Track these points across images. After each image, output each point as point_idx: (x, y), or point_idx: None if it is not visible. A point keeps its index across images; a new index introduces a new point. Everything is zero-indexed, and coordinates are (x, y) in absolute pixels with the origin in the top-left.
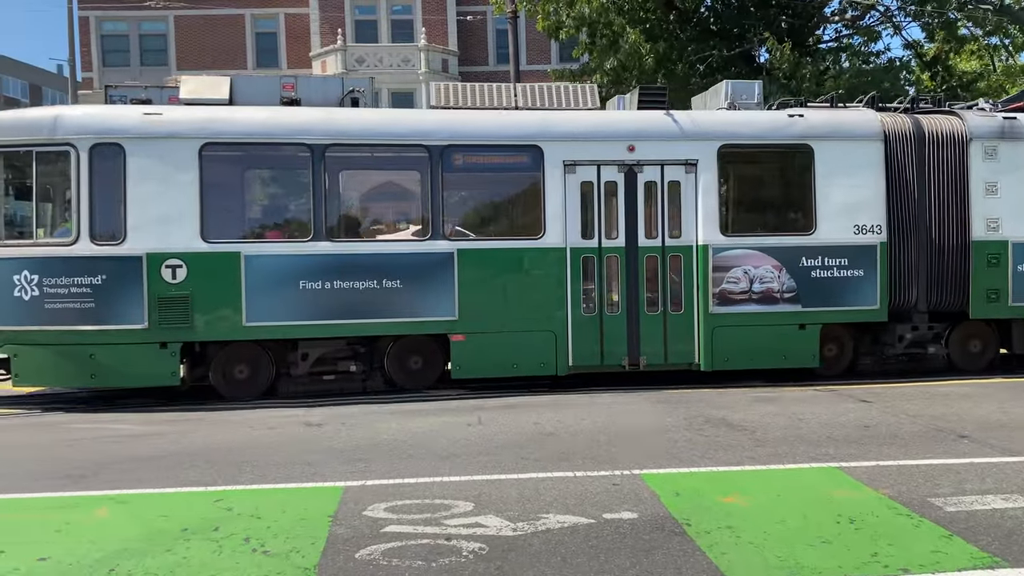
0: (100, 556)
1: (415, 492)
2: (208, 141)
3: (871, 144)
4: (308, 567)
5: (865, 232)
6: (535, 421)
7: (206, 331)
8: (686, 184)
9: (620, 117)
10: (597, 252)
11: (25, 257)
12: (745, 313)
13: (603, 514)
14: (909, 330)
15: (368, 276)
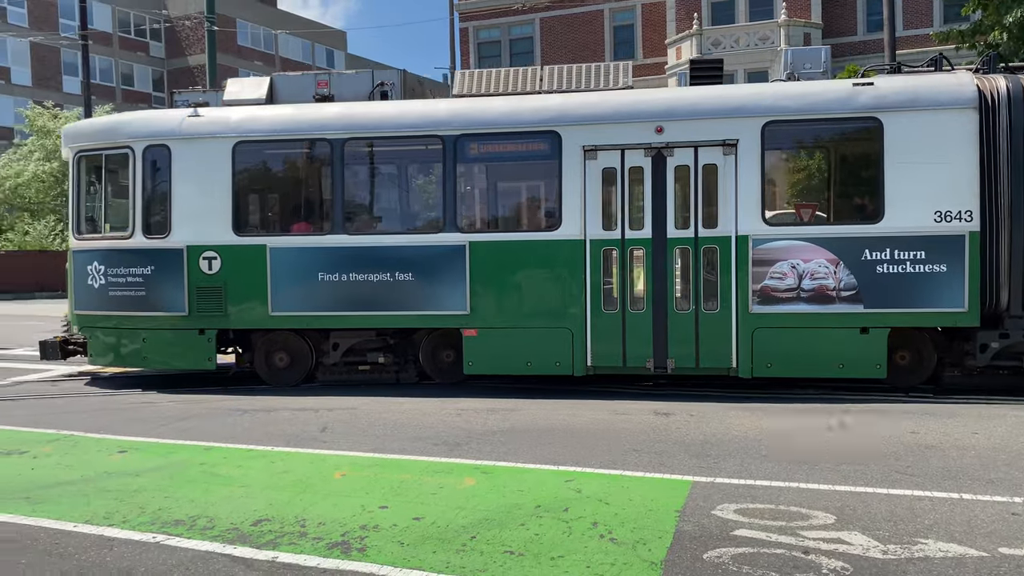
0: (465, 523)
1: (768, 496)
2: (240, 140)
3: (961, 114)
4: (655, 561)
5: (950, 219)
6: (912, 430)
7: (237, 319)
8: (724, 167)
9: (646, 96)
10: (620, 244)
11: (95, 249)
12: (792, 314)
13: (999, 548)
14: (996, 338)
15: (382, 269)
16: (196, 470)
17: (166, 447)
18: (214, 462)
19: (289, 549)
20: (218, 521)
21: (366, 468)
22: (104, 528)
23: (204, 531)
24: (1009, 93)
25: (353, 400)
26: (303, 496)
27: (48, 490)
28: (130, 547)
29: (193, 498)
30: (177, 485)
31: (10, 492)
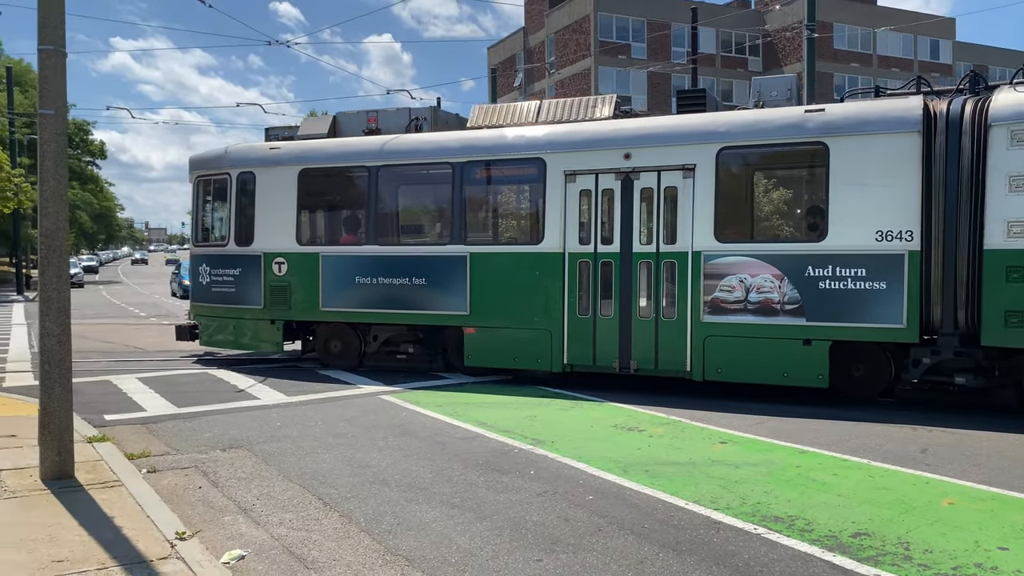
0: None
1: None
2: (303, 167)
3: (905, 137)
4: None
5: (891, 239)
6: None
7: (298, 312)
8: (683, 189)
9: (618, 125)
10: (593, 257)
11: (204, 255)
12: (740, 324)
13: None
14: (928, 354)
15: (403, 274)
16: (792, 471)
17: (763, 444)
18: (809, 466)
19: (892, 570)
20: (816, 525)
21: (980, 501)
22: (710, 511)
23: (803, 532)
24: (948, 117)
25: (948, 427)
26: (906, 517)
27: (662, 467)
28: (733, 533)
29: (791, 498)
30: (775, 482)
31: (633, 463)
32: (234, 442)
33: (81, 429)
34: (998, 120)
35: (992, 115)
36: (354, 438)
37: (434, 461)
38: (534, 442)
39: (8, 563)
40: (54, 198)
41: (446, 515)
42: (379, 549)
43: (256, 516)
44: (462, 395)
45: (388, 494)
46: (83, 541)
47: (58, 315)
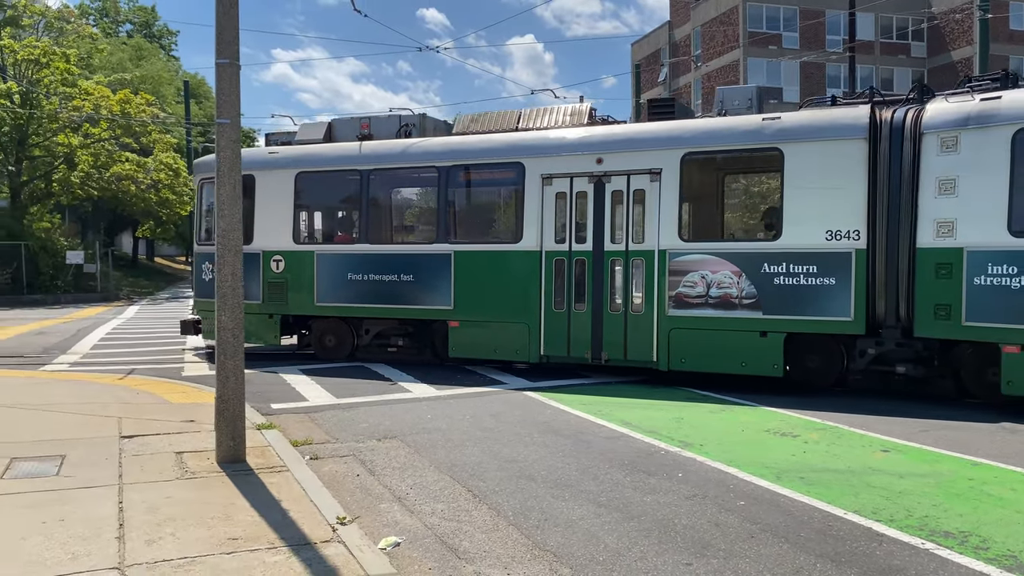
0: None
1: None
2: (299, 171)
3: (853, 143)
4: None
5: (840, 238)
6: None
7: (294, 307)
8: (650, 192)
9: (591, 132)
10: (568, 255)
11: (207, 253)
12: (701, 317)
13: None
14: (873, 345)
15: (393, 271)
16: (964, 484)
17: (930, 454)
18: (983, 479)
19: None
20: (993, 543)
21: None
22: (872, 522)
23: (978, 550)
24: (891, 125)
25: None
26: None
27: (819, 474)
28: (898, 547)
29: (962, 512)
30: (944, 495)
31: (786, 469)
32: (388, 432)
33: (251, 417)
34: (929, 128)
35: (925, 123)
36: (500, 433)
37: (579, 459)
38: (681, 444)
39: (191, 538)
40: (229, 201)
41: (593, 513)
42: (527, 544)
43: (410, 505)
44: (607, 395)
45: (535, 489)
46: (254, 521)
47: (233, 310)
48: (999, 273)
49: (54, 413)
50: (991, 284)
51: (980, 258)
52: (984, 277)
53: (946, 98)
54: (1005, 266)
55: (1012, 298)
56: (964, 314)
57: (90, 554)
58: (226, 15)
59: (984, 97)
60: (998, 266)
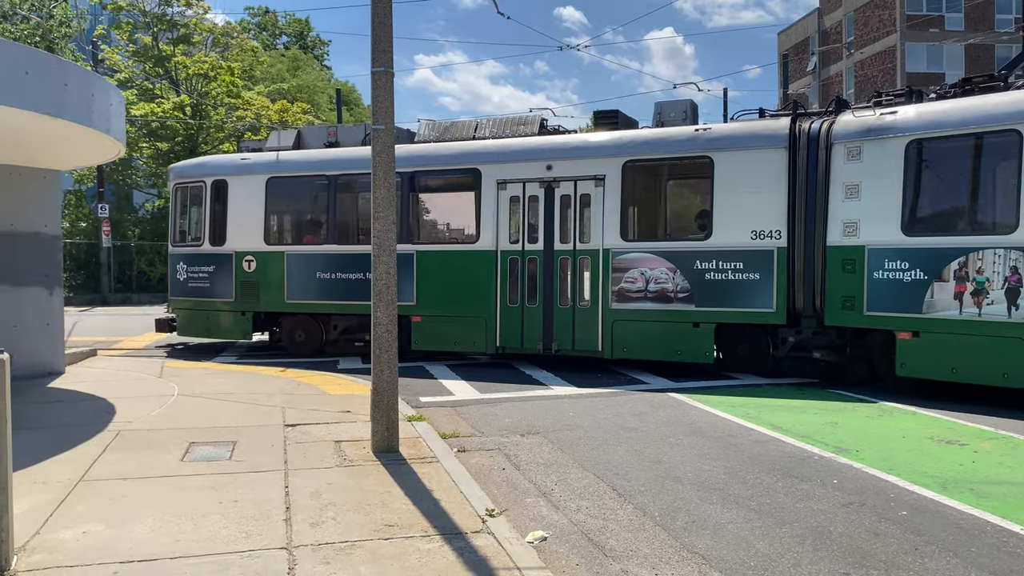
0: None
1: None
2: (270, 176)
3: (774, 152)
4: None
5: (763, 237)
6: None
7: (266, 304)
8: (595, 196)
9: (541, 141)
10: (521, 255)
11: (181, 254)
12: (641, 310)
13: None
14: (793, 333)
15: (359, 270)
16: None
17: None
18: None
19: None
20: None
21: None
22: None
23: None
24: (808, 136)
25: None
26: None
27: (991, 486)
28: None
29: None
30: None
31: (954, 479)
32: (531, 428)
33: (402, 409)
34: (838, 138)
35: (834, 134)
36: (644, 433)
37: (727, 462)
38: (836, 450)
39: (351, 522)
40: (384, 203)
41: (742, 517)
42: (675, 545)
43: (555, 500)
44: (755, 396)
45: (681, 491)
46: (408, 509)
47: (387, 307)
48: (894, 268)
49: (225, 402)
50: (888, 278)
51: (879, 255)
52: (882, 272)
53: (853, 112)
54: (899, 262)
55: (904, 290)
56: (866, 305)
57: (261, 534)
58: (381, 25)
59: (883, 112)
60: (893, 262)
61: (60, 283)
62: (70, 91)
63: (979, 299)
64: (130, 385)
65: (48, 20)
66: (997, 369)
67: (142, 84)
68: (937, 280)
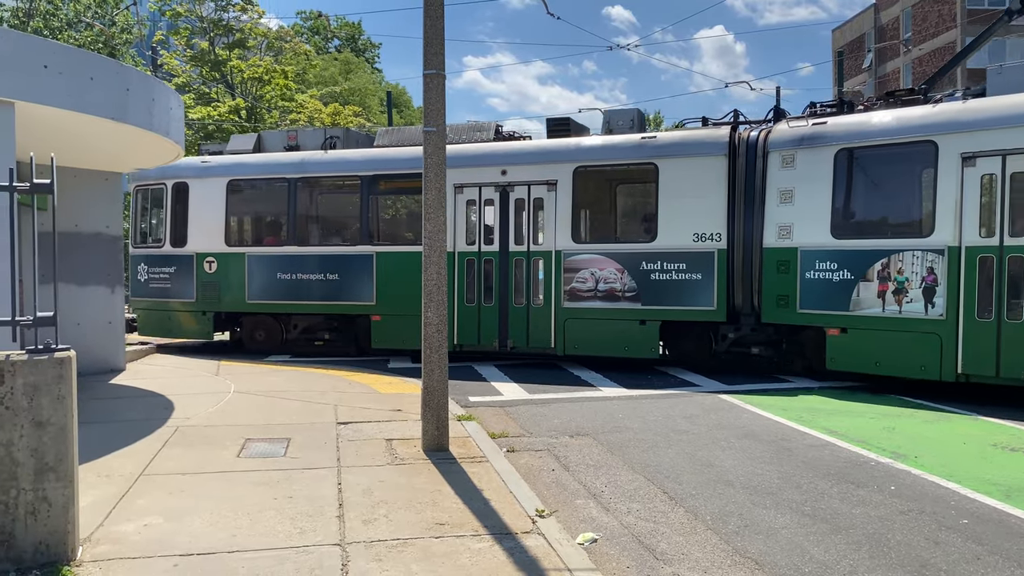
0: None
1: None
2: (232, 179)
3: (715, 159)
4: None
5: (705, 240)
6: None
7: (226, 305)
8: (548, 200)
9: (497, 147)
10: (478, 256)
11: (143, 255)
12: (591, 308)
13: None
14: (732, 330)
15: (321, 271)
16: None
17: None
18: None
19: None
20: None
21: None
22: None
23: None
24: (747, 144)
25: None
26: None
27: None
28: None
29: None
30: None
31: (1019, 487)
32: (580, 430)
33: (452, 408)
34: (773, 147)
35: (770, 143)
36: (695, 436)
37: (781, 466)
38: (894, 455)
39: (402, 520)
40: (435, 204)
41: (796, 522)
42: (727, 549)
43: (605, 502)
44: (808, 400)
45: (733, 495)
46: (459, 508)
47: (437, 307)
48: (824, 268)
49: (279, 399)
50: (818, 278)
51: (810, 256)
52: (813, 272)
53: (788, 122)
54: (828, 263)
55: (833, 289)
56: (799, 303)
57: (315, 530)
58: (433, 28)
59: (815, 122)
60: (823, 263)
61: (121, 282)
62: (132, 96)
63: (900, 297)
64: (188, 382)
65: (111, 27)
66: (916, 362)
67: (199, 88)
68: (862, 280)
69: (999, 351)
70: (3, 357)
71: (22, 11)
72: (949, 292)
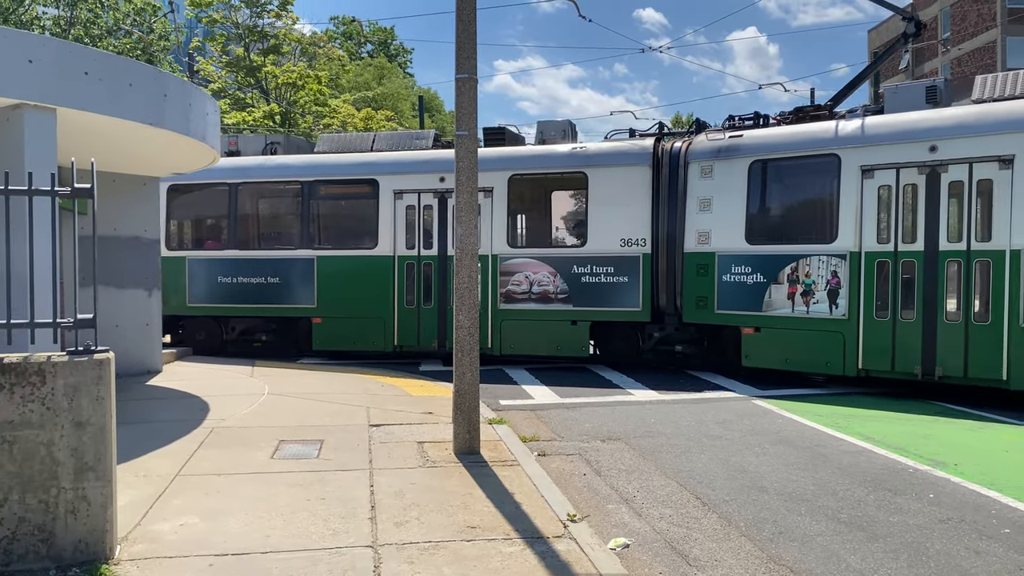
0: None
1: None
2: (172, 183)
3: (640, 169)
4: None
5: (631, 245)
6: None
7: (168, 308)
8: (484, 206)
9: (434, 155)
10: (417, 260)
11: None
12: (525, 310)
13: None
14: (657, 329)
15: (261, 274)
16: None
17: None
18: None
19: None
20: None
21: None
22: None
23: None
24: (670, 155)
25: None
26: None
27: None
28: None
29: None
30: None
31: None
32: (612, 434)
33: (483, 412)
34: (693, 158)
35: (690, 154)
36: (728, 441)
37: (816, 472)
38: (932, 463)
39: (434, 523)
40: (467, 208)
41: (831, 530)
42: (761, 556)
43: (637, 507)
44: (844, 405)
45: (767, 501)
46: (490, 511)
47: (469, 310)
48: (739, 272)
49: (312, 401)
50: (734, 281)
51: (727, 260)
52: (729, 275)
53: (707, 135)
54: (743, 267)
55: (747, 291)
56: (716, 304)
57: (348, 531)
58: (465, 32)
59: (731, 135)
60: (738, 267)
61: (158, 285)
62: (169, 101)
63: (807, 299)
64: (223, 383)
65: (149, 34)
66: (821, 359)
67: (234, 94)
68: (774, 282)
69: (894, 348)
70: (44, 358)
71: (64, 19)
72: (851, 294)
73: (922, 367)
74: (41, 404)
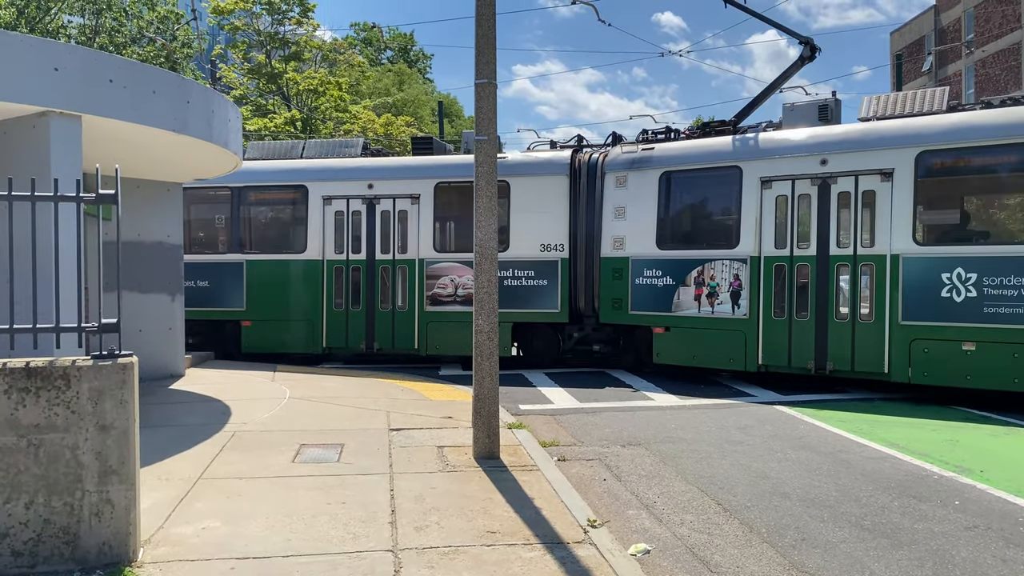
0: None
1: None
2: None
3: (558, 178)
4: None
5: (550, 250)
6: None
7: None
8: (412, 212)
9: (363, 162)
10: (346, 264)
11: None
12: (450, 312)
13: None
14: (576, 330)
15: (191, 278)
16: None
17: None
18: None
19: None
20: None
21: None
22: None
23: None
24: (587, 166)
25: None
26: None
27: None
28: None
29: None
30: None
31: None
32: (632, 440)
33: (502, 416)
34: (609, 168)
35: (606, 165)
36: (750, 447)
37: (838, 479)
38: (957, 469)
39: (454, 528)
40: (486, 212)
41: (855, 537)
42: (783, 563)
43: (658, 513)
44: (867, 411)
45: (789, 507)
46: (510, 516)
47: (488, 314)
48: (651, 275)
49: (333, 405)
50: (646, 283)
51: (639, 264)
52: (642, 278)
53: (622, 147)
54: (654, 270)
55: (658, 293)
56: (630, 305)
57: (368, 536)
58: (484, 38)
59: (644, 148)
60: (650, 270)
61: (181, 290)
62: (192, 108)
63: (712, 300)
64: (245, 388)
65: (172, 42)
66: (725, 356)
67: (256, 100)
68: (682, 285)
69: (790, 345)
70: (69, 362)
71: (89, 28)
72: (751, 295)
73: (815, 362)
74: (66, 408)
